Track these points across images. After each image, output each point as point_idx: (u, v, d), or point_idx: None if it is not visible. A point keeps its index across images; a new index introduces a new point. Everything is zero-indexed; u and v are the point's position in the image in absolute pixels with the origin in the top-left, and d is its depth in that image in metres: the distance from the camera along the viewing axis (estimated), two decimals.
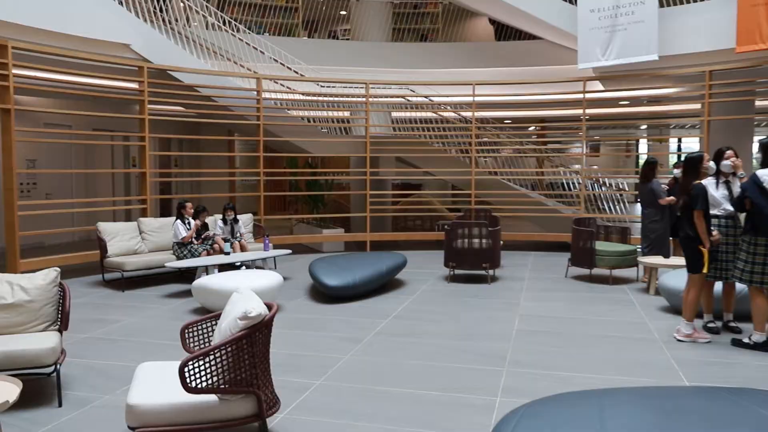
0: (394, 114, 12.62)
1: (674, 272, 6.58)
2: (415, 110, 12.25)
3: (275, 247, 9.00)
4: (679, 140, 21.65)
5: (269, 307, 3.35)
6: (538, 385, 4.23)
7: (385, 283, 7.61)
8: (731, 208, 5.28)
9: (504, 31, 14.44)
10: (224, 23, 10.92)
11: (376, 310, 6.57)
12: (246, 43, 11.08)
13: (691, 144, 20.53)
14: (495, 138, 12.54)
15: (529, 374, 4.54)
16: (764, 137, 5.22)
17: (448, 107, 12.09)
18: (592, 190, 11.83)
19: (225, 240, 8.37)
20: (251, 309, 3.11)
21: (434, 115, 12.13)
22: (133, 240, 8.15)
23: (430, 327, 5.87)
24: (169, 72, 9.40)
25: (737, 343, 5.19)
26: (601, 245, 8.13)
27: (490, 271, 8.10)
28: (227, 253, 7.96)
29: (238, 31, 11.16)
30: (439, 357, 4.95)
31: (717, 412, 2.94)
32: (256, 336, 3.15)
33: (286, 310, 6.55)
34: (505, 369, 4.65)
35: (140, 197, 9.43)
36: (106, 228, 7.95)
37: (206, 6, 10.82)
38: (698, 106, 10.17)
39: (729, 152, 5.45)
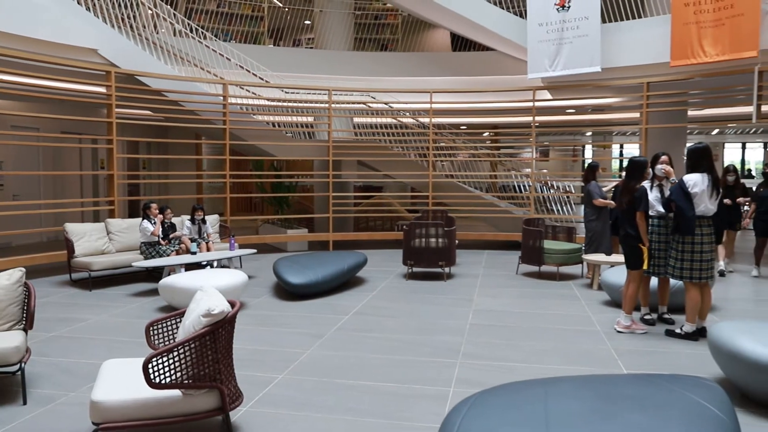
0: (356, 119, 12.60)
1: (615, 269, 6.75)
2: (375, 116, 12.25)
3: (241, 246, 8.89)
4: (621, 146, 22.16)
5: (232, 304, 3.32)
6: (489, 376, 4.28)
7: (346, 281, 7.59)
8: (663, 210, 5.43)
9: (460, 42, 14.57)
10: (191, 30, 10.75)
11: (337, 306, 6.55)
12: (212, 50, 10.92)
13: (632, 150, 21.02)
14: (451, 143, 12.63)
15: (481, 366, 4.59)
16: (692, 144, 5.39)
17: (407, 113, 12.14)
18: (541, 192, 12.01)
19: (192, 240, 8.24)
20: (214, 306, 3.07)
21: (394, 120, 12.15)
22: (100, 240, 7.96)
23: (388, 322, 5.89)
24: (136, 77, 9.20)
25: (670, 334, 5.34)
26: (549, 244, 8.27)
27: (446, 269, 8.15)
28: (194, 253, 7.84)
29: (204, 38, 10.99)
30: (397, 351, 4.97)
31: (650, 397, 3.01)
32: (219, 332, 3.12)
33: (250, 308, 6.49)
34: (458, 361, 4.69)
35: (108, 199, 9.21)
36: (73, 229, 7.75)
37: (174, 14, 10.64)
38: (637, 114, 10.43)
39: (664, 157, 5.62)
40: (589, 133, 21.44)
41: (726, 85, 9.40)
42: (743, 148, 24.47)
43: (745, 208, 8.53)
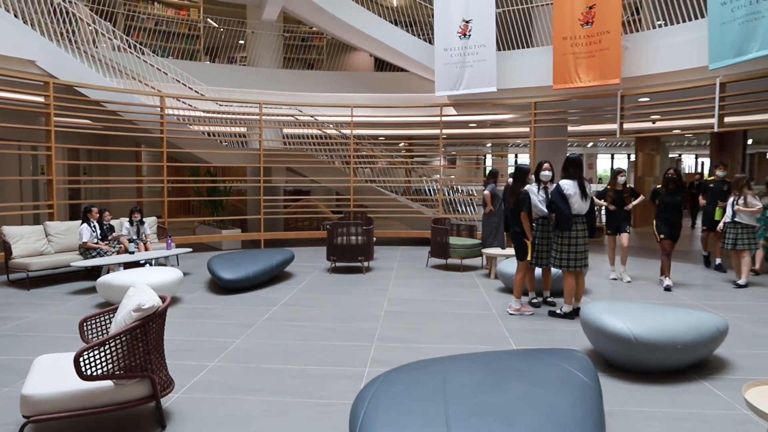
0: (285, 130, 12.42)
1: (508, 260, 6.98)
2: (303, 127, 12.12)
3: (178, 246, 8.57)
4: (516, 156, 23.01)
5: (163, 299, 3.19)
6: (400, 356, 4.31)
7: (275, 276, 7.45)
8: (546, 210, 5.67)
9: (379, 63, 14.66)
10: (130, 46, 10.25)
11: (266, 299, 6.42)
12: (150, 64, 10.46)
13: (524, 159, 21.87)
14: (370, 152, 12.68)
15: (393, 347, 4.63)
16: (569, 154, 5.65)
17: (331, 125, 12.09)
18: (448, 195, 12.26)
19: (130, 240, 7.85)
20: (145, 302, 2.94)
21: (319, 131, 12.07)
22: (39, 242, 7.43)
23: (312, 312, 5.83)
24: (75, 88, 8.67)
25: (552, 314, 5.58)
26: (454, 240, 8.45)
27: (365, 263, 8.16)
28: (132, 253, 7.48)
29: (143, 53, 10.51)
30: (319, 337, 4.93)
31: (532, 368, 3.14)
32: (150, 325, 2.98)
33: (186, 302, 6.25)
34: (374, 344, 4.71)
35: (47, 203, 8.62)
36: (10, 231, 7.19)
37: (113, 30, 10.11)
38: (527, 129, 10.83)
39: (546, 165, 5.84)
40: (488, 144, 22.09)
41: (597, 105, 9.92)
42: (612, 158, 26.13)
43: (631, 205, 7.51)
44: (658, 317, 4.07)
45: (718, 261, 8.26)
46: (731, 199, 7.30)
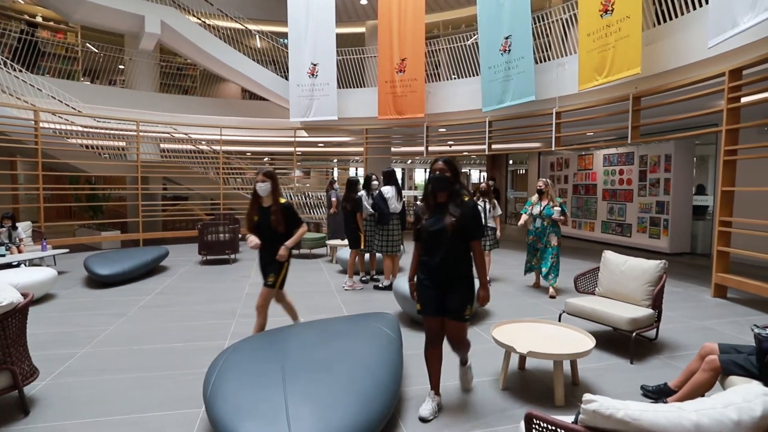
0: (163, 145, 11.29)
1: (345, 249, 7.13)
2: (179, 143, 11.13)
3: (55, 248, 7.35)
4: (356, 169, 23.55)
5: (25, 296, 2.73)
6: None
7: (151, 269, 6.76)
8: (372, 210, 5.89)
9: (246, 92, 13.98)
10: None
11: (142, 289, 5.79)
12: (23, 80, 8.79)
13: (360, 172, 22.41)
14: (238, 165, 12.07)
15: (251, 322, 4.41)
16: (386, 168, 5.94)
17: (204, 142, 11.27)
18: (303, 200, 12.15)
19: (1, 244, 6.54)
20: (2, 299, 2.49)
21: (193, 147, 11.18)
22: None
23: (184, 298, 5.40)
24: None
25: (376, 288, 5.80)
26: (306, 234, 8.40)
27: (232, 255, 7.78)
28: (2, 255, 6.24)
29: (14, 69, 8.79)
30: (188, 318, 4.59)
31: (353, 329, 3.25)
32: (9, 321, 2.53)
33: (60, 297, 5.39)
34: (234, 320, 4.51)
35: None
36: None
37: None
38: (362, 149, 11.17)
39: (374, 176, 6.06)
40: (335, 160, 22.31)
41: (410, 133, 10.56)
42: (425, 171, 28.06)
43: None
44: None
45: None
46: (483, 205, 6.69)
